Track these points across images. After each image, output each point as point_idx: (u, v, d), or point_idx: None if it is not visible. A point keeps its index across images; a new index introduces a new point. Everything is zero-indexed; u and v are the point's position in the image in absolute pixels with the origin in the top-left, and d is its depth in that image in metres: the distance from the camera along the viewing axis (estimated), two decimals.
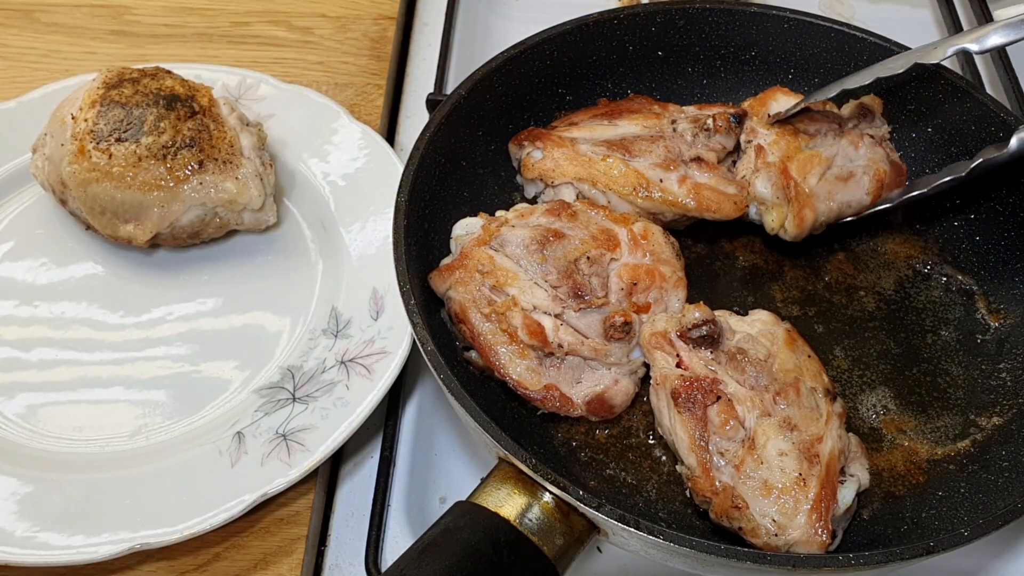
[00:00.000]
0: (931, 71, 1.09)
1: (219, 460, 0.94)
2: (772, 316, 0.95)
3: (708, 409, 0.87)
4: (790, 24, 1.14)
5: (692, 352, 0.90)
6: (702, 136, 1.05)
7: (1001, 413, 0.97)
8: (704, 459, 0.85)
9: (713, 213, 1.03)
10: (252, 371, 1.03)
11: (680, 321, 0.92)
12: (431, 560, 0.75)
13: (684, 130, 1.05)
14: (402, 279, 0.89)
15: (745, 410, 0.86)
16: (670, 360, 0.91)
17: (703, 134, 1.05)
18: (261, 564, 0.93)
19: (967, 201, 1.11)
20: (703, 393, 0.87)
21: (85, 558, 0.87)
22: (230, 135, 1.09)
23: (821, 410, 0.88)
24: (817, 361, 0.93)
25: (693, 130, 1.05)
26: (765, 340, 0.91)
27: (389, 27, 1.42)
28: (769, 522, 0.82)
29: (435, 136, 1.00)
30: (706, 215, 1.04)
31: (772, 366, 0.89)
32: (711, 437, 0.86)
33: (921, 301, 1.06)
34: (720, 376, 0.88)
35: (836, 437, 0.87)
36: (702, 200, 1.03)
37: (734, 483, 0.84)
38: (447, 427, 1.05)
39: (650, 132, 1.06)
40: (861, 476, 0.88)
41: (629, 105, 1.11)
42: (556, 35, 1.10)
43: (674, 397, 0.88)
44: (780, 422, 0.86)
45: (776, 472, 0.83)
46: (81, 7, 1.41)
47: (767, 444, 0.84)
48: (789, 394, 0.87)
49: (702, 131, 1.04)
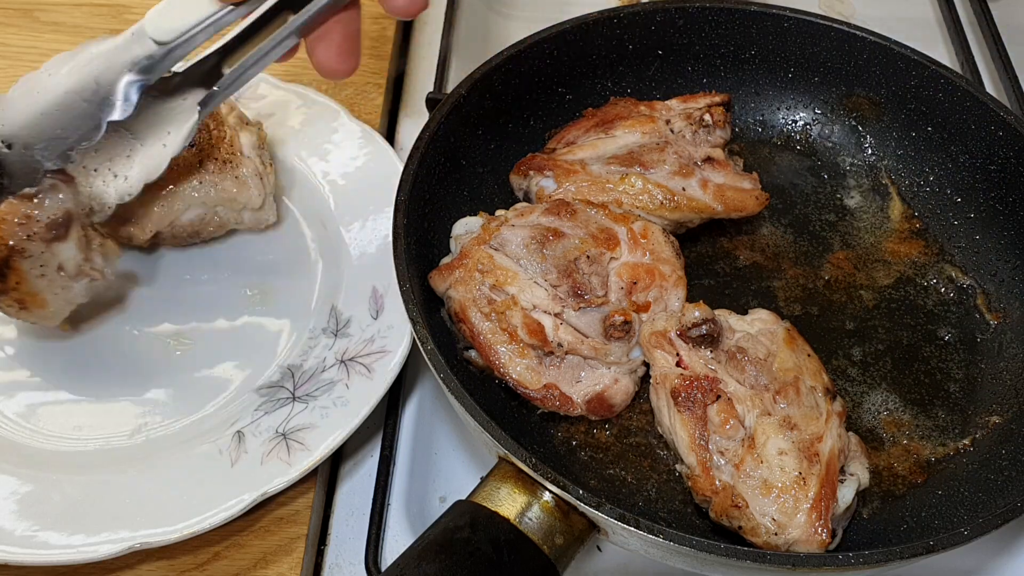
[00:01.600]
0: (931, 71, 1.09)
1: (219, 459, 0.94)
2: (772, 315, 0.95)
3: (708, 408, 0.87)
4: (790, 23, 1.14)
5: (692, 351, 0.90)
6: (702, 133, 1.04)
7: (1001, 412, 0.97)
8: (704, 458, 0.85)
9: (739, 212, 1.03)
10: (252, 370, 1.03)
11: (680, 320, 0.92)
12: (431, 559, 0.75)
13: (682, 129, 1.05)
14: (402, 278, 0.89)
15: (745, 409, 0.86)
16: (670, 359, 0.91)
17: (703, 131, 1.04)
18: (261, 563, 0.93)
19: (967, 200, 1.11)
20: (703, 392, 0.87)
21: (85, 557, 0.87)
22: (230, 134, 1.08)
23: (821, 409, 0.88)
24: (817, 360, 0.93)
25: (692, 128, 1.05)
26: (765, 339, 0.91)
27: (389, 26, 1.42)
28: (769, 521, 0.82)
29: (435, 135, 1.00)
30: (733, 215, 1.03)
31: (772, 365, 0.89)
32: (711, 436, 0.86)
33: (921, 300, 1.07)
34: (720, 375, 0.89)
35: (836, 436, 0.87)
36: (728, 201, 1.03)
37: (734, 482, 0.84)
38: (447, 426, 1.05)
39: (653, 139, 1.05)
40: (861, 475, 0.88)
41: (616, 111, 1.09)
42: (556, 34, 1.10)
43: (674, 396, 0.88)
44: (780, 421, 0.86)
45: (776, 471, 0.83)
46: (81, 6, 1.41)
47: (767, 443, 0.84)
48: (789, 393, 0.87)
49: (701, 127, 1.04)
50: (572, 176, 1.03)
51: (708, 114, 1.04)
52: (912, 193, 1.14)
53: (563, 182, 1.03)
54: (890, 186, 1.15)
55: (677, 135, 1.04)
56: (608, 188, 1.02)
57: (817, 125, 1.19)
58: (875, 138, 1.17)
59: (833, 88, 1.17)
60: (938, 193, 1.13)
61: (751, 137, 1.20)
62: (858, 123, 1.17)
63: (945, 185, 1.12)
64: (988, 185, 1.09)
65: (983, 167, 1.09)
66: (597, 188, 1.02)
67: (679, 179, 1.02)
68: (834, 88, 1.17)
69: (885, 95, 1.14)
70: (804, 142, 1.19)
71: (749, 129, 1.20)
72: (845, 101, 1.17)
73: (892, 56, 1.12)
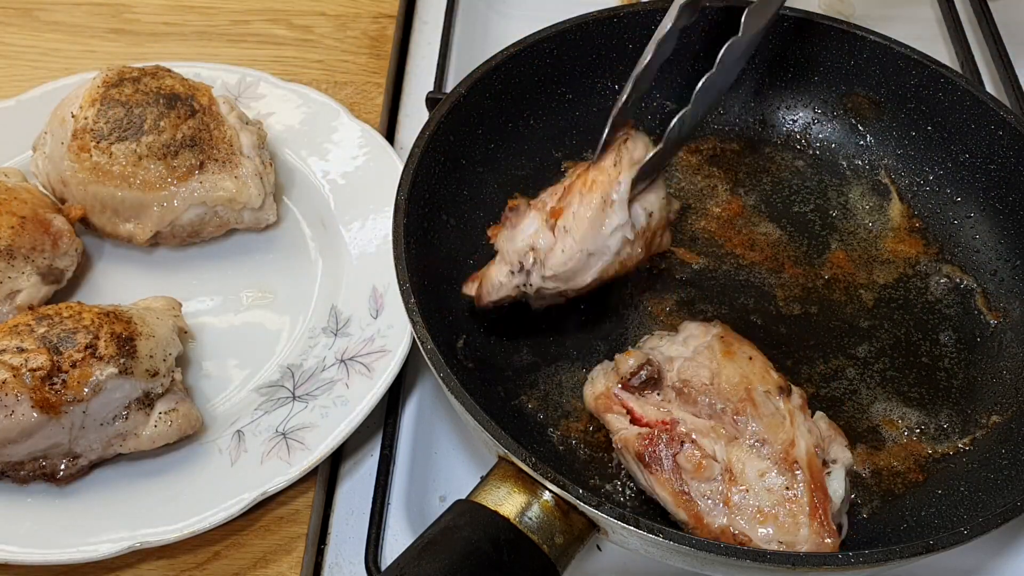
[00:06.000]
0: (931, 71, 1.09)
1: (219, 458, 0.94)
2: (700, 326, 0.93)
3: (677, 458, 0.85)
4: (790, 23, 1.14)
5: (640, 400, 0.89)
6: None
7: (1001, 411, 0.97)
8: (693, 510, 0.84)
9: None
10: (252, 369, 1.03)
11: (618, 372, 0.90)
12: (431, 559, 0.75)
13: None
14: (402, 277, 0.89)
15: (712, 443, 0.85)
16: (623, 419, 0.89)
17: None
18: (261, 562, 0.93)
19: (967, 200, 1.11)
20: (667, 444, 0.85)
21: (85, 556, 0.87)
22: (230, 134, 1.09)
23: (782, 411, 0.87)
24: (760, 358, 0.91)
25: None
26: (703, 359, 0.90)
27: (389, 25, 1.42)
28: (775, 545, 0.81)
29: (435, 135, 1.00)
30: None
31: (720, 384, 0.88)
32: (690, 484, 0.84)
33: (921, 299, 1.07)
34: (675, 414, 0.87)
35: (806, 432, 0.85)
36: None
37: (729, 522, 0.82)
38: (447, 425, 1.05)
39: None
40: (843, 457, 0.87)
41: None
42: (556, 33, 1.10)
43: (641, 459, 0.86)
44: (749, 441, 0.84)
45: (764, 495, 0.82)
46: (81, 5, 1.41)
47: (745, 469, 0.83)
48: (746, 408, 0.86)
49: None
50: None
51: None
52: (912, 192, 1.14)
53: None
54: (890, 185, 1.15)
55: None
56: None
57: (817, 124, 1.19)
58: (875, 137, 1.17)
59: (833, 88, 1.17)
60: (938, 193, 1.13)
61: (751, 137, 1.20)
62: (858, 122, 1.18)
63: (945, 185, 1.13)
64: (988, 185, 1.09)
65: (983, 167, 1.09)
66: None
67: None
68: (834, 88, 1.17)
69: (885, 95, 1.14)
70: (804, 142, 1.19)
71: (749, 129, 1.20)
72: (845, 100, 1.17)
73: (892, 56, 1.12)
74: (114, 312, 0.93)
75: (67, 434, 0.88)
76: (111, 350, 0.89)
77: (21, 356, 0.87)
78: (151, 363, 0.91)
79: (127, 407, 0.90)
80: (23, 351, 0.88)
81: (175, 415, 0.92)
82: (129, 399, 0.90)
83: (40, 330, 0.90)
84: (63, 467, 0.90)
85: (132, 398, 0.90)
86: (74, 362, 0.88)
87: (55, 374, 0.87)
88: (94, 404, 0.88)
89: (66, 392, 0.87)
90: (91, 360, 0.88)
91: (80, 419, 0.88)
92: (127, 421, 0.90)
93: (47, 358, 0.87)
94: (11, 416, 0.86)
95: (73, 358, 0.88)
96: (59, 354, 0.88)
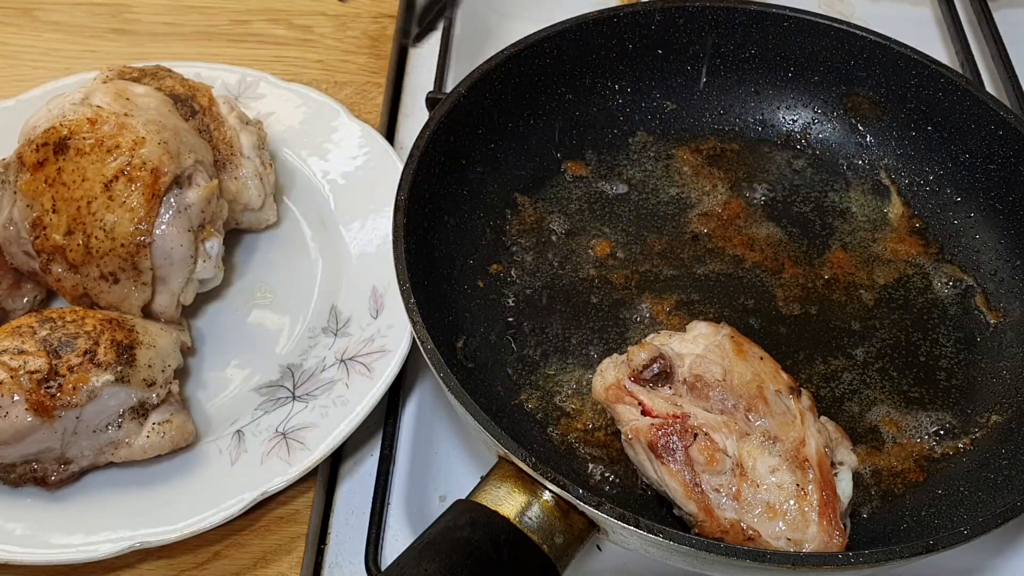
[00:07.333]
0: (931, 71, 1.09)
1: (219, 458, 0.94)
2: (710, 325, 0.93)
3: (689, 450, 0.85)
4: (790, 22, 1.14)
5: (651, 393, 0.88)
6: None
7: (1001, 411, 0.97)
8: (704, 502, 0.83)
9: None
10: (252, 369, 1.03)
11: (629, 364, 0.90)
12: (431, 558, 0.75)
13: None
14: (402, 277, 0.89)
15: (723, 437, 0.85)
16: (634, 411, 0.88)
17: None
18: (261, 562, 0.93)
19: (967, 200, 1.11)
20: (679, 435, 0.85)
21: (85, 556, 0.87)
22: (230, 135, 1.09)
23: (793, 411, 0.87)
24: (770, 360, 0.91)
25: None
26: (715, 356, 0.89)
27: (389, 25, 1.42)
28: (784, 542, 0.81)
29: (435, 135, 1.00)
30: None
31: (732, 382, 0.87)
32: (702, 476, 0.84)
33: (920, 299, 1.07)
34: (687, 409, 0.86)
35: (816, 432, 0.86)
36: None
37: (739, 516, 0.82)
38: (447, 425, 1.05)
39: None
40: (849, 460, 0.87)
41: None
42: (556, 33, 1.10)
43: (653, 449, 0.85)
44: (760, 438, 0.84)
45: (775, 491, 0.82)
46: (81, 5, 1.41)
47: (756, 465, 0.83)
48: (759, 406, 0.86)
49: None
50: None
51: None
52: (912, 192, 1.14)
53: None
54: (890, 185, 1.15)
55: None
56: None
57: (817, 124, 1.19)
58: (875, 137, 1.17)
59: (833, 87, 1.17)
60: (938, 193, 1.13)
61: (751, 137, 1.20)
62: (858, 122, 1.18)
63: (945, 185, 1.13)
64: (988, 185, 1.09)
65: (983, 167, 1.09)
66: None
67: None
68: (834, 87, 1.17)
69: (885, 95, 1.14)
70: (804, 141, 1.19)
71: (749, 129, 1.20)
72: (845, 100, 1.17)
73: (892, 55, 1.12)
74: (117, 319, 0.93)
75: (60, 439, 0.88)
76: (110, 357, 0.89)
77: (21, 358, 0.87)
78: (149, 373, 0.91)
79: (121, 415, 0.90)
80: (23, 353, 0.88)
81: (168, 427, 0.92)
82: (123, 407, 0.90)
83: (42, 332, 0.90)
84: (54, 473, 0.90)
85: (127, 407, 0.90)
86: (72, 367, 0.88)
87: (52, 377, 0.87)
88: (88, 410, 0.88)
89: (61, 396, 0.87)
90: (89, 366, 0.88)
91: (73, 424, 0.88)
92: (120, 430, 0.90)
93: (45, 361, 0.87)
94: (5, 417, 0.86)
95: (71, 363, 0.88)
96: (58, 358, 0.88)
